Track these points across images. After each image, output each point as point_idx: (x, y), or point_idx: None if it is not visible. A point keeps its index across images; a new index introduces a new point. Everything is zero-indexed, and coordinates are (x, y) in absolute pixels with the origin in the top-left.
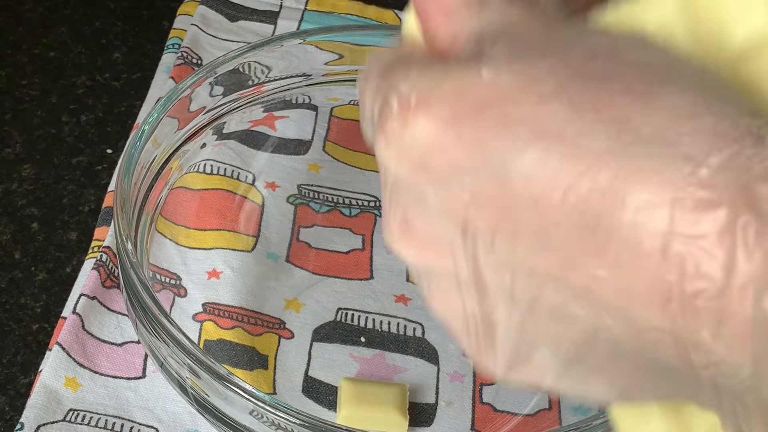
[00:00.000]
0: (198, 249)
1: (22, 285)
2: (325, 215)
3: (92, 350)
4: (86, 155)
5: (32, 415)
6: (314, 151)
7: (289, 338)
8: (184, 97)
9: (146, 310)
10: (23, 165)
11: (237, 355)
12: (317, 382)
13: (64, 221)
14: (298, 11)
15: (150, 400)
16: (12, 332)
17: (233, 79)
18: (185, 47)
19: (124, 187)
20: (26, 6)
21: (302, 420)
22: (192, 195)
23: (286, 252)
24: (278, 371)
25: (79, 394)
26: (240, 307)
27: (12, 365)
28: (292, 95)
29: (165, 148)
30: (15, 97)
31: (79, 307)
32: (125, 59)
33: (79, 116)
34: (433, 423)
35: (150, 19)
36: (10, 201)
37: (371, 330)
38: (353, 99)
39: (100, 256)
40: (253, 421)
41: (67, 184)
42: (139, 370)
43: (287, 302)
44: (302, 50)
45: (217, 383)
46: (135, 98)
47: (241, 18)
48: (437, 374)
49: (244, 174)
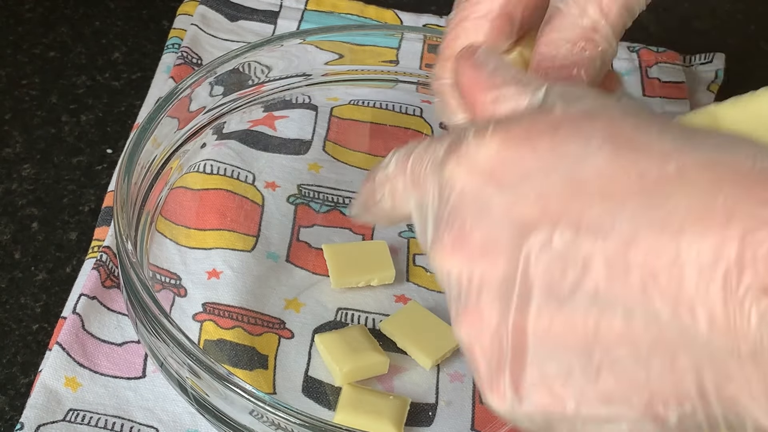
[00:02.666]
0: (198, 249)
1: (22, 285)
2: (326, 215)
3: (92, 350)
4: (86, 155)
5: (32, 415)
6: (314, 151)
7: (289, 338)
8: (184, 97)
9: (146, 310)
10: (23, 165)
11: (237, 355)
12: (317, 382)
13: (64, 221)
14: (298, 11)
15: (150, 400)
16: (12, 332)
17: (233, 79)
18: (185, 47)
19: (124, 187)
20: (26, 6)
21: (302, 420)
22: (192, 195)
23: (286, 252)
24: (278, 371)
25: (79, 394)
26: (240, 307)
27: (12, 365)
28: (292, 95)
29: (165, 148)
30: (15, 97)
31: (79, 307)
32: (125, 59)
33: (79, 116)
34: (433, 423)
35: (150, 19)
36: (10, 201)
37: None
38: (353, 99)
39: (100, 256)
40: (253, 421)
41: (67, 184)
42: (139, 370)
43: (287, 302)
44: (302, 50)
45: (217, 383)
46: (135, 98)
47: (241, 18)
48: (437, 374)
49: (244, 174)
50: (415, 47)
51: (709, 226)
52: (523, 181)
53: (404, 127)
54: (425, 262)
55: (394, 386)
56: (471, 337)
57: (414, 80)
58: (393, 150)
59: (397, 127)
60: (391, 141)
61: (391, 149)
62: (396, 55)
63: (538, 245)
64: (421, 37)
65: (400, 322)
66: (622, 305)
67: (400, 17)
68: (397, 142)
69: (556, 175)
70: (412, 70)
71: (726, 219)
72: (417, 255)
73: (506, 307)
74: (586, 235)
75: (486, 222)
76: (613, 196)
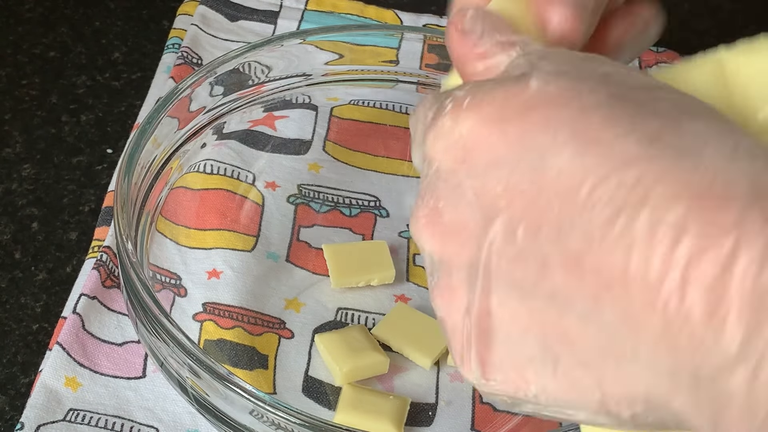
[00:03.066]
0: (198, 249)
1: (22, 285)
2: (326, 215)
3: (92, 350)
4: (86, 155)
5: (32, 415)
6: (314, 151)
7: (289, 338)
8: (184, 97)
9: (146, 310)
10: (23, 165)
11: (237, 355)
12: (317, 382)
13: (64, 221)
14: (298, 11)
15: (150, 400)
16: (12, 332)
17: (233, 79)
18: (185, 47)
19: (124, 187)
20: (26, 6)
21: (302, 420)
22: (192, 195)
23: (286, 252)
24: (278, 371)
25: (79, 393)
26: (240, 307)
27: (12, 365)
28: (292, 95)
29: (165, 148)
30: (15, 97)
31: (79, 306)
32: (125, 59)
33: (79, 116)
34: (433, 423)
35: (150, 19)
36: (10, 201)
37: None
38: (353, 99)
39: (100, 255)
40: (253, 421)
41: (67, 184)
42: (139, 369)
43: (287, 302)
44: (302, 50)
45: (217, 383)
46: (135, 98)
47: (241, 18)
48: (437, 374)
49: (244, 174)
50: (415, 47)
51: (658, 244)
52: (493, 168)
53: (404, 127)
54: None
55: (394, 386)
56: (443, 312)
57: (414, 80)
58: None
59: (397, 127)
60: (391, 141)
61: (391, 149)
62: (396, 55)
63: (501, 235)
64: (421, 37)
65: (391, 325)
66: (577, 309)
67: (400, 17)
68: (397, 142)
69: (522, 168)
70: (412, 70)
71: (673, 241)
72: (417, 255)
73: (472, 291)
74: (547, 235)
75: (457, 204)
76: (573, 201)
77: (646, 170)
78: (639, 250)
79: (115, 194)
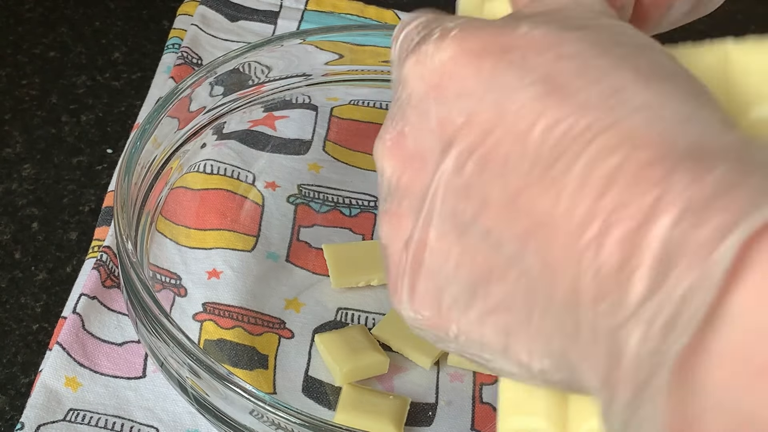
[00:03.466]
0: (198, 249)
1: (22, 285)
2: (326, 215)
3: (92, 350)
4: (86, 155)
5: (32, 415)
6: (314, 151)
7: (289, 338)
8: (184, 97)
9: (146, 310)
10: (23, 165)
11: (237, 355)
12: (317, 382)
13: (64, 221)
14: (298, 11)
15: (150, 400)
16: (12, 332)
17: (233, 79)
18: (185, 47)
19: (124, 187)
20: (26, 6)
21: (302, 420)
22: (192, 195)
23: (286, 252)
24: (278, 371)
25: (79, 393)
26: (240, 307)
27: (12, 365)
28: (292, 95)
29: (165, 148)
30: (15, 97)
31: (79, 306)
32: (125, 59)
33: (79, 116)
34: (433, 423)
35: (150, 19)
36: (10, 201)
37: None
38: (353, 99)
39: (101, 255)
40: (253, 421)
41: (67, 184)
42: (139, 369)
43: (287, 302)
44: (302, 50)
45: (217, 383)
46: (135, 98)
47: (241, 18)
48: (437, 374)
49: (244, 174)
50: None
51: (586, 193)
52: (459, 99)
53: None
54: None
55: (394, 386)
56: (387, 238)
57: None
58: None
59: None
60: None
61: None
62: None
63: (452, 167)
64: None
65: (392, 325)
66: (505, 251)
67: (400, 17)
68: None
69: (486, 103)
70: None
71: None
72: None
73: (416, 220)
74: (492, 170)
75: (421, 131)
76: (522, 140)
77: (598, 120)
78: (567, 196)
79: (115, 194)
